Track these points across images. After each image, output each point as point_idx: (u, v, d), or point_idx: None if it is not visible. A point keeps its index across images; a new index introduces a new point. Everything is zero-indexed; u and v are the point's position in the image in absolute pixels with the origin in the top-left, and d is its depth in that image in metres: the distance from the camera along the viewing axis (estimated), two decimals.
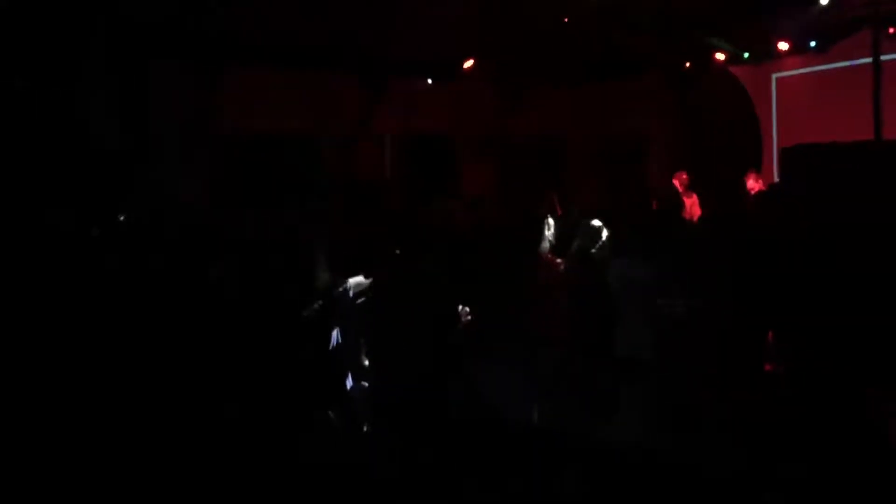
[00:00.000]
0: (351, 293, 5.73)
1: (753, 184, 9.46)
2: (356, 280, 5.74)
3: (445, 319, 5.35)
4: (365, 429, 5.67)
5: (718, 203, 9.05)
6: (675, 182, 10.21)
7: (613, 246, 6.11)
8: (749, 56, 11.64)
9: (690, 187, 10.17)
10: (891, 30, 9.57)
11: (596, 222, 6.34)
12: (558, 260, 6.26)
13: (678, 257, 5.69)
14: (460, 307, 5.42)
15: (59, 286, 5.64)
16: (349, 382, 5.66)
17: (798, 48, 11.08)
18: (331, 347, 5.53)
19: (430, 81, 12.32)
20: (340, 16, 9.54)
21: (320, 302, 5.45)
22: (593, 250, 6.15)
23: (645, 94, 12.86)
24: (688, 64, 12.16)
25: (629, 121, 13.06)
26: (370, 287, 5.76)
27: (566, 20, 10.34)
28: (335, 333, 5.56)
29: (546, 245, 6.22)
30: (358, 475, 5.31)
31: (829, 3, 9.57)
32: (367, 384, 5.74)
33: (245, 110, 10.55)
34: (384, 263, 5.80)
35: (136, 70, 9.32)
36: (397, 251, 5.85)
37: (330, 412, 5.61)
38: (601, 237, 6.22)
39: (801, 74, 11.45)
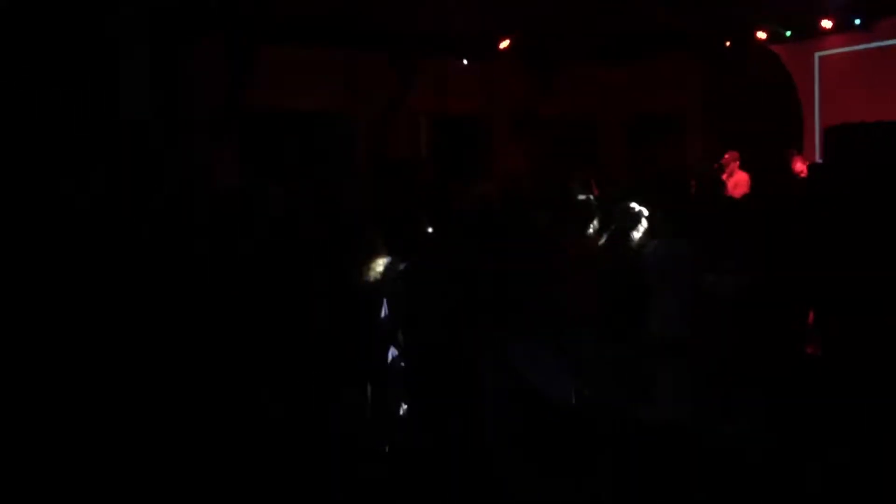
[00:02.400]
0: (395, 269, 5.71)
1: (802, 166, 9.28)
2: (393, 258, 5.71)
3: (475, 298, 5.32)
4: (401, 405, 5.66)
5: (763, 182, 8.88)
6: (723, 161, 10.03)
7: (651, 226, 6.02)
8: (791, 34, 11.37)
9: (738, 168, 9.99)
10: None
11: (634, 204, 6.22)
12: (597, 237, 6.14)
13: (724, 235, 5.58)
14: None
15: (90, 260, 5.65)
16: (391, 356, 5.65)
17: (842, 26, 10.80)
18: (381, 319, 5.52)
19: (464, 61, 12.21)
20: None
21: (380, 270, 5.42)
22: (634, 232, 6.04)
23: (682, 72, 12.63)
24: (727, 42, 11.91)
25: (666, 99, 12.85)
26: (405, 266, 5.73)
27: None
28: (384, 307, 5.55)
29: (592, 227, 6.10)
30: (389, 450, 5.33)
31: None
32: (400, 362, 5.72)
33: (277, 88, 10.53)
34: (416, 242, 5.78)
35: (169, 46, 9.32)
36: (429, 230, 5.83)
37: (368, 386, 5.61)
38: (640, 219, 6.10)
39: (845, 53, 11.16)
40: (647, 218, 6.06)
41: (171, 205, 7.26)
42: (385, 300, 5.41)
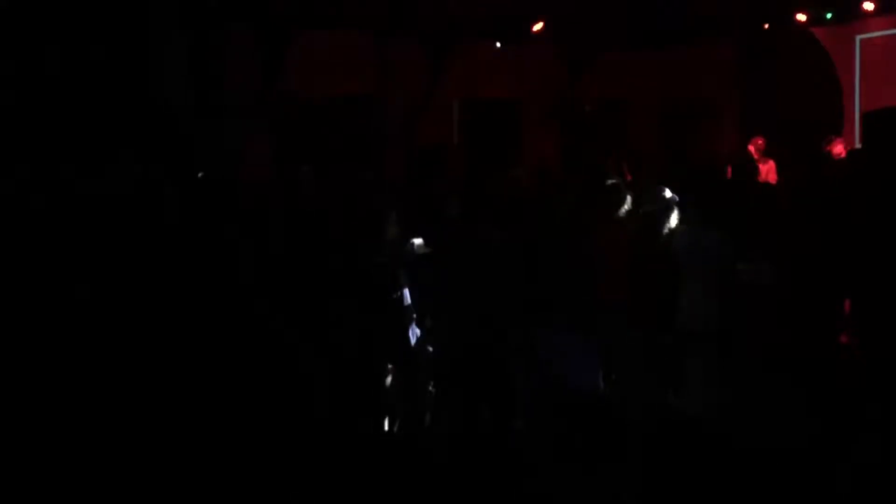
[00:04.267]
0: (416, 252, 5.71)
1: (842, 150, 9.07)
2: (419, 241, 5.72)
3: (504, 284, 5.31)
4: (428, 388, 5.68)
5: (799, 168, 8.70)
6: (751, 148, 9.86)
7: (684, 214, 5.94)
8: (832, 16, 11.12)
9: (766, 153, 9.81)
10: None
11: (667, 190, 6.14)
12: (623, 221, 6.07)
13: (759, 222, 5.49)
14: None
15: (124, 244, 5.73)
16: (413, 339, 5.65)
17: (884, 8, 10.53)
18: (402, 304, 5.53)
19: (497, 45, 12.12)
20: None
21: (388, 256, 5.43)
22: (666, 219, 5.95)
23: (717, 56, 12.43)
24: (766, 25, 11.67)
25: (699, 85, 12.66)
26: (431, 249, 5.74)
27: None
28: (406, 291, 5.56)
29: (623, 211, 6.02)
30: (421, 434, 5.35)
31: None
32: (430, 348, 5.73)
33: (310, 74, 10.56)
34: (445, 226, 5.78)
35: (202, 32, 9.37)
36: (457, 214, 5.83)
37: (395, 368, 5.63)
38: (672, 205, 6.02)
39: (888, 36, 10.89)
40: (678, 204, 5.98)
41: (203, 189, 7.32)
42: (409, 285, 5.42)
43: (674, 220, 5.91)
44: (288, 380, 5.16)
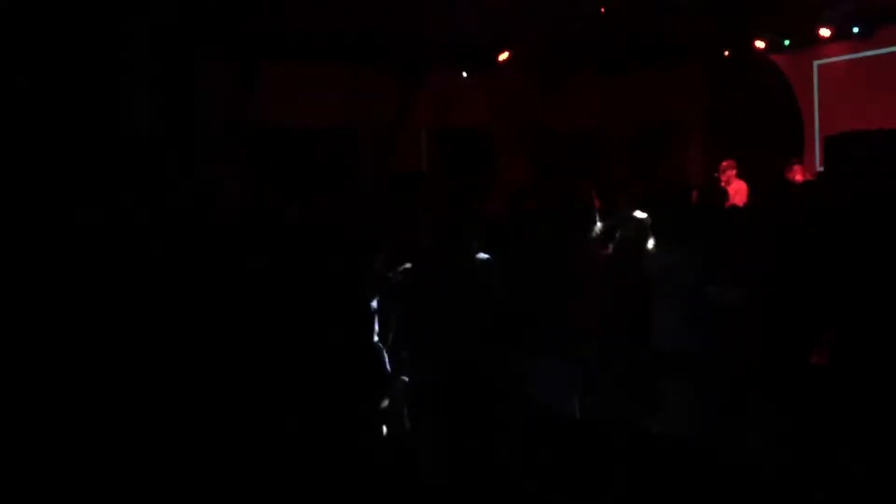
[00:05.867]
0: (395, 282, 5.72)
1: (803, 174, 9.28)
2: (399, 271, 5.73)
3: (484, 311, 5.33)
4: (405, 420, 5.67)
5: (764, 191, 8.88)
6: (720, 171, 10.05)
7: (654, 237, 6.02)
8: (790, 43, 11.42)
9: (736, 176, 10.01)
10: None
11: (640, 214, 6.23)
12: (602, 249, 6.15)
13: (727, 245, 5.58)
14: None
15: (99, 278, 5.68)
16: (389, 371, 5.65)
17: (841, 34, 10.85)
18: (374, 335, 5.53)
19: (464, 74, 12.27)
20: (376, 9, 9.54)
21: (376, 287, 5.44)
22: (644, 243, 6.03)
23: (682, 82, 12.69)
24: (726, 52, 11.96)
25: (666, 110, 12.91)
26: (407, 278, 5.75)
27: (602, 10, 10.25)
28: (377, 322, 5.56)
29: (594, 236, 6.10)
30: (400, 465, 5.32)
31: None
32: (406, 378, 5.72)
33: (283, 104, 10.61)
34: (420, 254, 5.79)
35: (171, 64, 9.39)
36: (433, 242, 5.84)
37: (370, 401, 5.61)
38: (646, 229, 6.11)
39: (844, 61, 11.21)
40: (651, 229, 6.07)
41: (177, 221, 7.29)
42: (377, 314, 5.42)
43: (650, 244, 6.01)
44: (263, 400, 5.14)
